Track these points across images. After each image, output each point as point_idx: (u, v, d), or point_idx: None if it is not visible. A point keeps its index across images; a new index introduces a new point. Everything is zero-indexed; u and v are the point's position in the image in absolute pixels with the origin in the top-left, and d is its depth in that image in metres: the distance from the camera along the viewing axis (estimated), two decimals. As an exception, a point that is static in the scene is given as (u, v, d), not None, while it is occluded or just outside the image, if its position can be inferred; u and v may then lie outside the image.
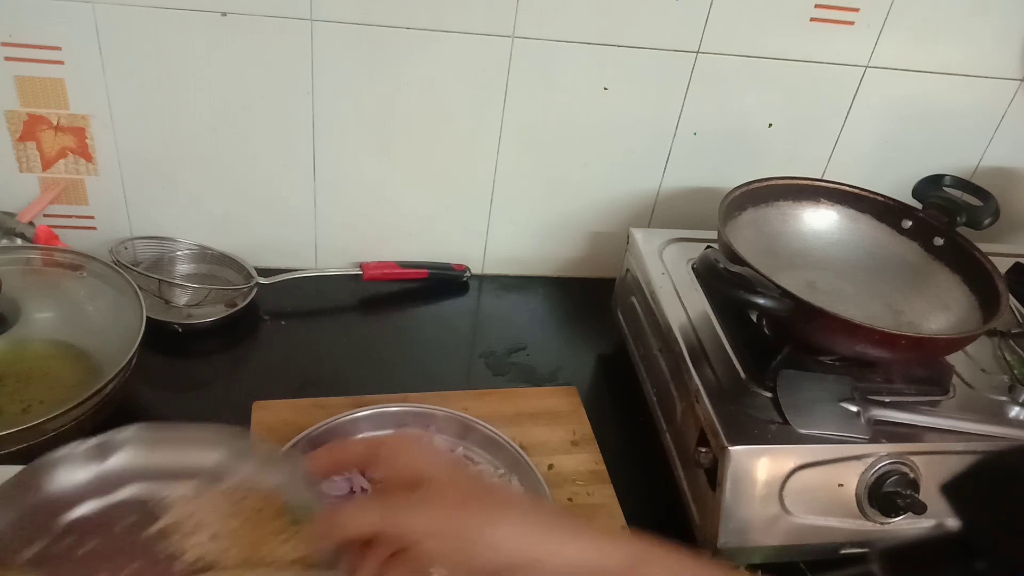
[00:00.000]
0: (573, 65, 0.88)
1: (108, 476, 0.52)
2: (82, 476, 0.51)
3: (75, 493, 0.51)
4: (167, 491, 0.51)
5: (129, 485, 0.52)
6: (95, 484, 0.51)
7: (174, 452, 0.53)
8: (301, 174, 0.92)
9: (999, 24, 0.93)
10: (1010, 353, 0.80)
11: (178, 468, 0.52)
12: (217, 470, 0.52)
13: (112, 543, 0.49)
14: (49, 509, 0.50)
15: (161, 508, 0.51)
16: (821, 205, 0.88)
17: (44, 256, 0.80)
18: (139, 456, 0.52)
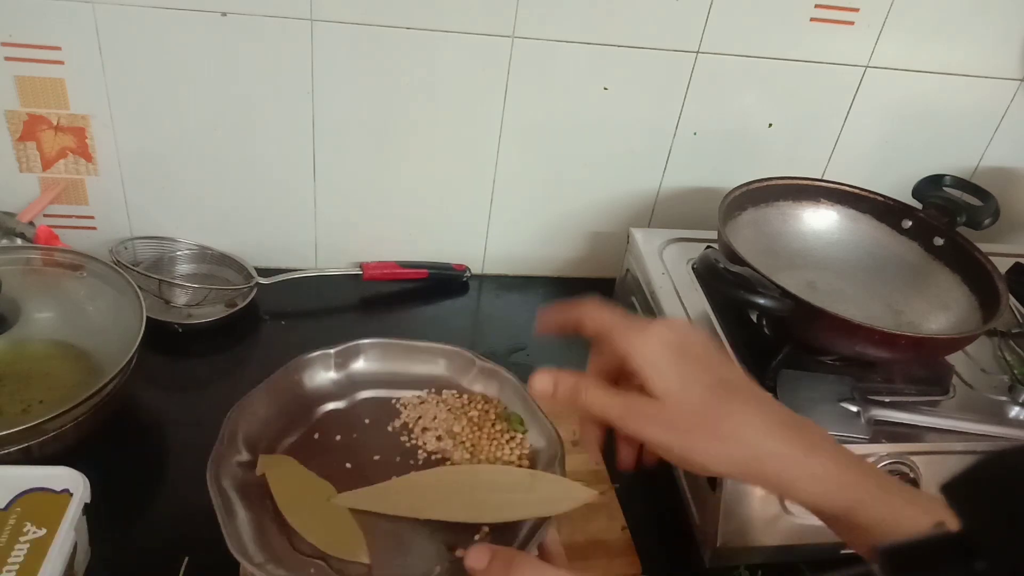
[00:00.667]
0: (573, 65, 0.88)
1: (351, 379, 0.59)
2: (330, 377, 0.59)
3: (325, 391, 0.58)
4: (399, 395, 0.58)
5: (367, 389, 0.59)
6: (340, 385, 0.59)
7: (404, 362, 0.60)
8: (301, 174, 0.92)
9: (999, 24, 0.93)
10: (1010, 353, 0.80)
11: (408, 376, 0.60)
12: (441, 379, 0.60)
13: (356, 436, 0.55)
14: (305, 403, 0.57)
15: (395, 410, 0.57)
16: (821, 205, 0.88)
17: (44, 256, 0.80)
18: (375, 364, 0.60)
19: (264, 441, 0.55)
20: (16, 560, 0.54)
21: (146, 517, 0.69)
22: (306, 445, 0.55)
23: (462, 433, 0.55)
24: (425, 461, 0.54)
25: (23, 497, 0.58)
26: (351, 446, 0.55)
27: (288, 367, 0.58)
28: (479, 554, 0.45)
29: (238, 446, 0.53)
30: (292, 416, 0.57)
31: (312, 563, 0.47)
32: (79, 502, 0.58)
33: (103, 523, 0.63)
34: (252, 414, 0.56)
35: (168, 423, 0.77)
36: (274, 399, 0.57)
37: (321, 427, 0.57)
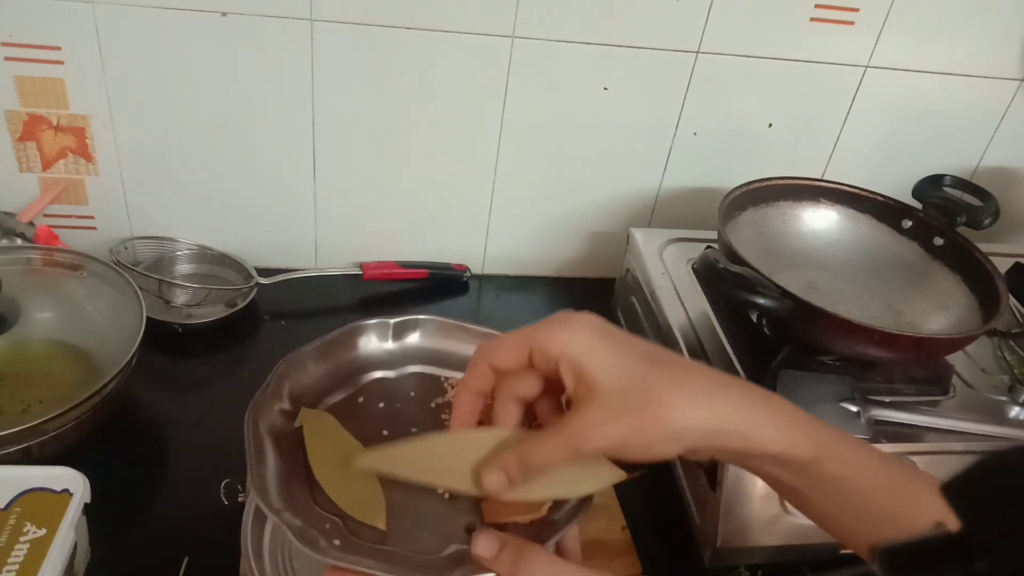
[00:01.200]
0: (573, 65, 0.88)
1: (403, 351, 0.59)
2: (384, 346, 0.59)
3: (376, 359, 0.58)
4: (448, 375, 0.58)
5: (418, 364, 0.59)
6: (392, 356, 0.59)
7: (459, 343, 0.60)
8: (301, 174, 0.92)
9: (999, 24, 0.93)
10: (1010, 353, 0.80)
11: (461, 357, 0.59)
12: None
13: (398, 407, 0.56)
14: (356, 367, 0.58)
15: (442, 388, 0.58)
16: (821, 205, 0.88)
17: (44, 256, 0.80)
18: (430, 340, 0.60)
19: (308, 396, 0.55)
20: (16, 560, 0.54)
21: (146, 517, 0.69)
22: (348, 407, 0.55)
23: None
24: None
25: (23, 497, 0.58)
26: (392, 415, 0.55)
27: (345, 330, 0.58)
28: (488, 542, 0.43)
29: (282, 395, 0.54)
30: (340, 377, 0.57)
31: (329, 519, 0.47)
32: (79, 502, 0.58)
33: (103, 523, 0.63)
34: (302, 367, 0.56)
35: (168, 423, 0.77)
36: (326, 358, 0.57)
37: (366, 392, 0.57)
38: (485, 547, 0.43)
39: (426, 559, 0.46)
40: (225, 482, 0.67)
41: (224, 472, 0.68)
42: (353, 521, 0.47)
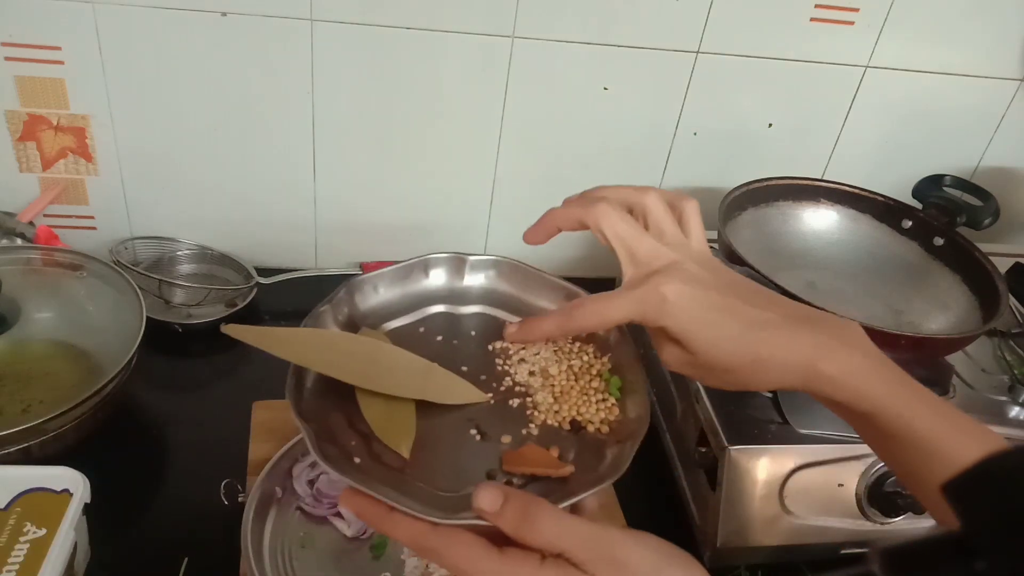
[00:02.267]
0: (573, 65, 0.88)
1: (467, 291, 0.59)
2: (448, 282, 0.59)
3: (439, 294, 0.58)
4: (511, 320, 0.57)
5: (481, 304, 0.58)
6: (462, 292, 0.59)
7: (530, 290, 0.59)
8: (301, 174, 0.92)
9: (999, 24, 0.93)
10: (1010, 353, 0.80)
11: (529, 305, 0.58)
12: None
13: (456, 343, 0.55)
14: (423, 297, 0.58)
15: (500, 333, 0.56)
16: (821, 205, 0.88)
17: (44, 256, 0.80)
18: (497, 283, 0.59)
19: (372, 318, 0.55)
20: (16, 560, 0.54)
21: (146, 517, 0.69)
22: (407, 334, 0.55)
23: (556, 377, 0.53)
24: (508, 389, 0.52)
25: (23, 497, 0.58)
26: (447, 350, 0.55)
27: (421, 260, 0.58)
28: (491, 495, 0.40)
29: (343, 310, 0.54)
30: (406, 304, 0.57)
31: (356, 437, 0.47)
32: (79, 502, 0.58)
33: (103, 523, 0.63)
34: (372, 288, 0.56)
35: (168, 423, 0.77)
36: (397, 283, 0.57)
37: (428, 323, 0.57)
38: (488, 500, 0.41)
39: (438, 495, 0.45)
40: (225, 482, 0.67)
41: (224, 472, 0.69)
42: (379, 444, 0.47)
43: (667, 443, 0.78)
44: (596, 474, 0.47)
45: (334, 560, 0.64)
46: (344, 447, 0.46)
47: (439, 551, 0.41)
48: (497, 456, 0.48)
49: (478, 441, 0.49)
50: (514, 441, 0.49)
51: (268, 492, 0.66)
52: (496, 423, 0.50)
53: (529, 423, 0.50)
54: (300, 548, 0.64)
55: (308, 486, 0.67)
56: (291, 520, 0.66)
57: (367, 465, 0.45)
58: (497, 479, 0.47)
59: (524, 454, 0.48)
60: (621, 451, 0.48)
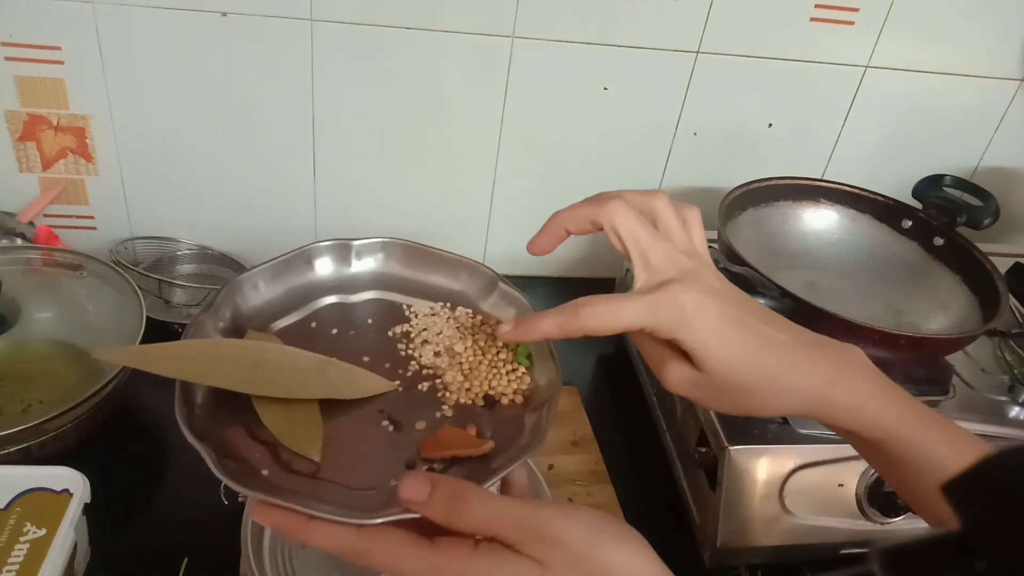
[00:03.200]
0: (573, 65, 0.88)
1: (357, 277, 0.56)
2: (336, 271, 0.56)
3: (327, 284, 0.56)
4: (410, 303, 0.56)
5: (374, 290, 0.56)
6: (352, 279, 0.56)
7: (424, 270, 0.57)
8: (301, 174, 0.92)
9: (999, 24, 0.93)
10: (1010, 353, 0.80)
11: (425, 285, 0.57)
12: (457, 296, 0.56)
13: (352, 334, 0.53)
14: (310, 290, 0.55)
15: (402, 316, 0.55)
16: (821, 205, 0.88)
17: (44, 256, 0.80)
18: (388, 266, 0.57)
19: (257, 319, 0.52)
20: (16, 560, 0.54)
21: (146, 517, 0.69)
22: (299, 331, 0.53)
23: (463, 354, 0.52)
24: (415, 374, 0.50)
25: (23, 497, 0.58)
26: (344, 342, 0.52)
27: (301, 251, 0.55)
28: (417, 484, 0.39)
29: (224, 315, 0.51)
30: (293, 300, 0.54)
31: (260, 448, 0.45)
32: (79, 502, 0.58)
33: (103, 523, 0.63)
34: (252, 287, 0.53)
35: (168, 423, 0.77)
36: (279, 279, 0.54)
37: (320, 318, 0.53)
38: (414, 490, 0.39)
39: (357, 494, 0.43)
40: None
41: (224, 472, 0.68)
42: (287, 451, 0.45)
43: (667, 443, 0.78)
44: (517, 446, 0.46)
45: (334, 560, 0.64)
46: (248, 461, 0.44)
47: (367, 554, 0.39)
48: (414, 444, 0.47)
49: (391, 432, 0.47)
50: (429, 426, 0.48)
51: (268, 492, 0.66)
52: (407, 410, 0.49)
53: (442, 405, 0.49)
54: (300, 548, 0.64)
55: (308, 486, 0.67)
56: (291, 520, 0.66)
57: (277, 476, 0.43)
58: (417, 468, 0.45)
59: (441, 438, 0.46)
60: (539, 419, 0.47)
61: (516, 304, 0.55)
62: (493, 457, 0.46)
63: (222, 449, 0.43)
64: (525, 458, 0.44)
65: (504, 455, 0.46)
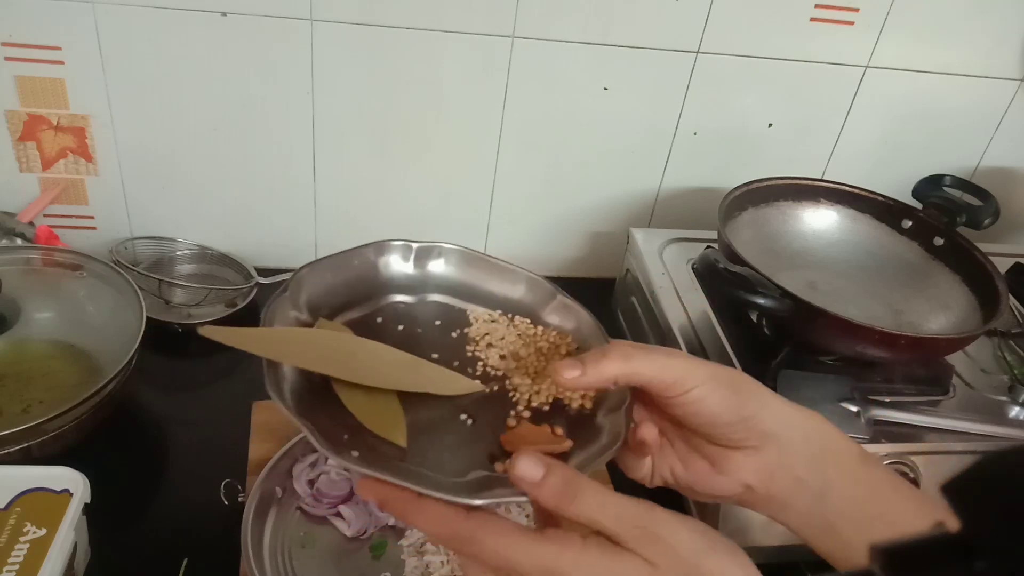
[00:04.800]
0: (573, 65, 0.88)
1: (419, 279, 0.57)
2: (399, 271, 0.57)
3: (397, 282, 0.56)
4: (471, 308, 0.57)
5: (435, 293, 0.57)
6: (414, 281, 0.57)
7: (483, 278, 0.58)
8: (301, 174, 0.92)
9: (999, 24, 0.93)
10: (1010, 353, 0.80)
11: (484, 292, 0.58)
12: (515, 305, 0.57)
13: (420, 332, 0.54)
14: (376, 287, 0.56)
15: (465, 320, 0.56)
16: (821, 205, 0.88)
17: (44, 256, 0.80)
18: (454, 271, 0.58)
19: (326, 309, 0.53)
20: (16, 560, 0.54)
21: (146, 517, 0.69)
22: (366, 325, 0.53)
23: (527, 359, 0.53)
24: (483, 374, 0.52)
25: (23, 497, 0.58)
26: (412, 339, 0.53)
27: (368, 246, 0.56)
28: (532, 465, 0.39)
29: (299, 303, 0.52)
30: (359, 294, 0.55)
31: (347, 430, 0.45)
32: (79, 502, 0.58)
33: (103, 523, 0.63)
34: (320, 278, 0.54)
35: (168, 423, 0.78)
36: (346, 272, 0.55)
37: (385, 314, 0.55)
38: (528, 469, 0.38)
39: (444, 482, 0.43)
40: (225, 482, 0.67)
41: (224, 472, 0.69)
42: (371, 437, 0.46)
43: (667, 443, 0.77)
44: (599, 445, 0.46)
45: (334, 560, 0.64)
46: (339, 442, 0.44)
47: (475, 539, 0.38)
48: (493, 439, 0.47)
49: (470, 426, 0.48)
50: (506, 423, 0.48)
51: (268, 492, 0.66)
52: (483, 408, 0.49)
53: (516, 405, 0.50)
54: (300, 548, 0.64)
55: (308, 486, 0.67)
56: (291, 520, 0.66)
57: (367, 458, 0.43)
58: (500, 460, 0.46)
59: (522, 433, 0.47)
60: (615, 420, 0.48)
61: (576, 316, 0.56)
62: (572, 456, 0.46)
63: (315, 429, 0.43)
64: (606, 458, 0.45)
65: (583, 454, 0.46)
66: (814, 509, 0.47)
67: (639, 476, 0.51)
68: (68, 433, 0.66)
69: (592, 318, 0.55)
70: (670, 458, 0.50)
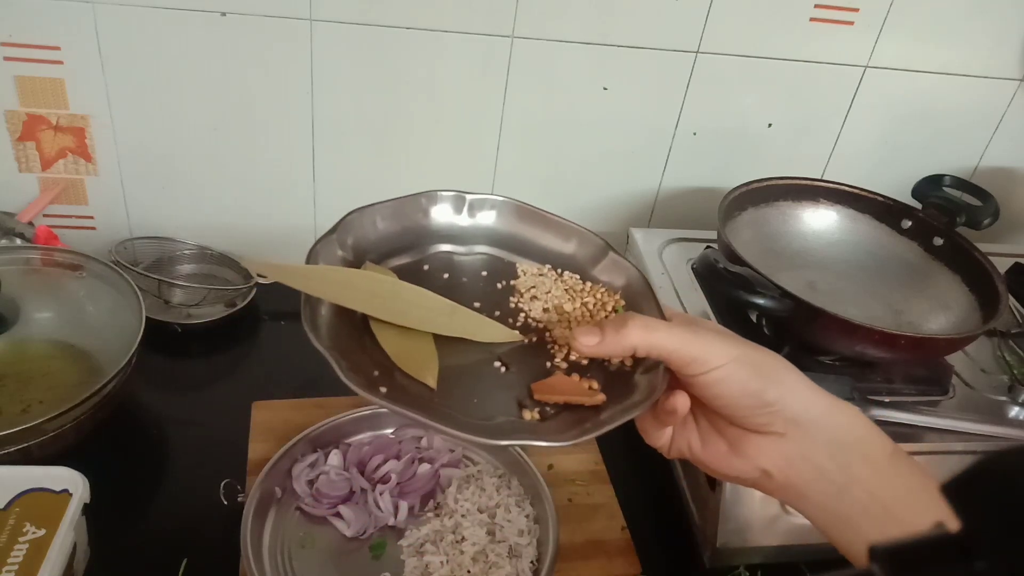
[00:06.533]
0: (573, 65, 0.88)
1: (470, 231, 0.57)
2: (450, 221, 0.57)
3: (441, 232, 0.57)
4: (520, 262, 0.57)
5: (485, 245, 0.57)
6: (465, 232, 0.57)
7: (535, 231, 0.58)
8: (301, 174, 0.92)
9: (999, 24, 0.93)
10: (1010, 353, 0.80)
11: (534, 246, 0.58)
12: (566, 260, 0.57)
13: (464, 281, 0.55)
14: (425, 235, 0.56)
15: (511, 273, 0.56)
16: (821, 205, 0.88)
17: (44, 256, 0.80)
18: (500, 224, 0.58)
19: (373, 253, 0.54)
20: (16, 560, 0.54)
21: (146, 517, 0.69)
22: (412, 271, 0.54)
23: (572, 313, 0.53)
24: (523, 325, 0.52)
25: (23, 497, 0.58)
26: (456, 288, 0.53)
27: (420, 195, 0.56)
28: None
29: (346, 244, 0.52)
30: (408, 241, 0.55)
31: (378, 366, 0.46)
32: (79, 502, 0.58)
33: (103, 523, 0.63)
34: (370, 223, 0.54)
35: (168, 423, 0.77)
36: (396, 218, 0.55)
37: (432, 262, 0.55)
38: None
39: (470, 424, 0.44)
40: (225, 482, 0.67)
41: (224, 472, 0.68)
42: (402, 375, 0.46)
43: (667, 443, 0.77)
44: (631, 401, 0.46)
45: (334, 560, 0.64)
46: (368, 377, 0.45)
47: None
48: (524, 386, 0.48)
49: (503, 373, 0.48)
50: (542, 374, 0.49)
51: (268, 492, 0.66)
52: (519, 358, 0.49)
53: (554, 356, 0.50)
54: (300, 548, 0.64)
55: (308, 486, 0.67)
56: (291, 520, 0.66)
57: (394, 395, 0.44)
58: (528, 408, 0.46)
59: (553, 384, 0.47)
60: (651, 379, 0.47)
61: (626, 273, 0.56)
62: (603, 409, 0.46)
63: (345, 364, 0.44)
64: (638, 413, 0.45)
65: (615, 407, 0.46)
66: (834, 502, 0.45)
67: (658, 444, 0.51)
68: (68, 433, 0.66)
69: (643, 277, 0.55)
70: (691, 433, 0.49)
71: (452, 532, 0.65)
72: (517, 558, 0.64)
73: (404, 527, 0.66)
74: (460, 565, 0.63)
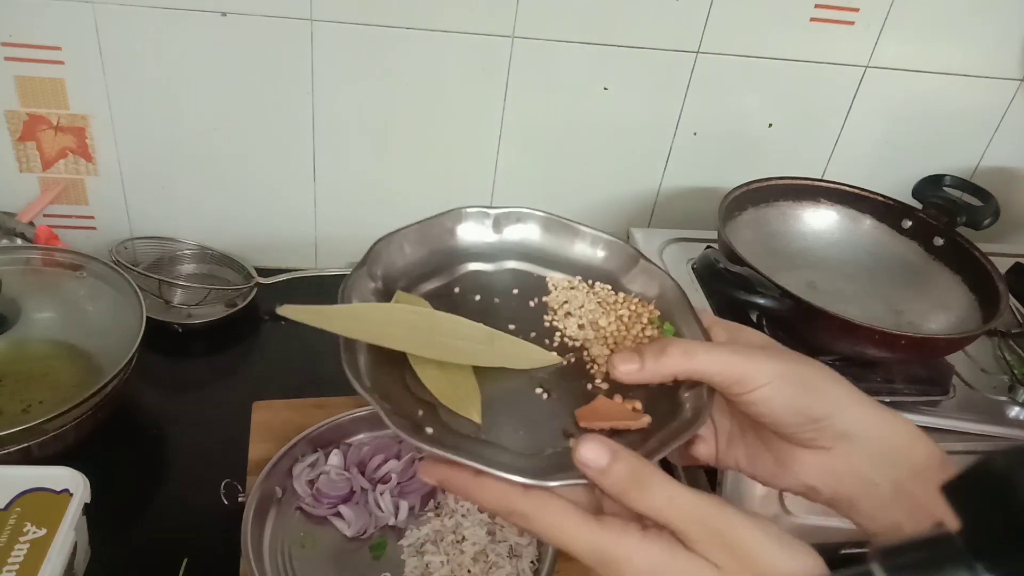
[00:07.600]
0: (573, 65, 0.88)
1: (497, 246, 0.56)
2: (476, 239, 0.56)
3: (468, 251, 0.55)
4: (549, 275, 0.55)
5: (513, 260, 0.56)
6: (492, 248, 0.56)
7: (563, 242, 0.56)
8: (301, 174, 0.92)
9: (999, 24, 0.93)
10: (1010, 353, 0.80)
11: (563, 258, 0.56)
12: (596, 271, 0.56)
13: (497, 302, 0.53)
14: (453, 255, 0.55)
15: (543, 288, 0.54)
16: (821, 205, 0.88)
17: (44, 256, 0.80)
18: (532, 236, 0.56)
19: (403, 280, 0.52)
20: (16, 560, 0.54)
21: (146, 517, 0.69)
22: (443, 295, 0.53)
23: (607, 328, 0.51)
24: (560, 345, 0.50)
25: (23, 497, 0.58)
26: (489, 309, 0.52)
27: (444, 215, 0.55)
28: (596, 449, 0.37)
29: (376, 275, 0.51)
30: (437, 264, 0.54)
31: (421, 406, 0.45)
32: (79, 502, 0.58)
33: (103, 523, 0.63)
34: (398, 249, 0.53)
35: (168, 423, 0.77)
36: (423, 242, 0.54)
37: (463, 283, 0.54)
38: (593, 453, 0.37)
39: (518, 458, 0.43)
40: (225, 482, 0.67)
41: (224, 472, 0.68)
42: (446, 412, 0.45)
43: (667, 443, 0.77)
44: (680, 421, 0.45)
45: (334, 560, 0.64)
46: (412, 418, 0.44)
47: (531, 517, 0.38)
48: (568, 413, 0.46)
49: (546, 400, 0.47)
50: (584, 397, 0.47)
51: (268, 492, 0.66)
52: (559, 381, 0.48)
53: (594, 377, 0.49)
54: (300, 548, 0.64)
55: (308, 486, 0.67)
56: (291, 520, 0.66)
57: (440, 434, 0.43)
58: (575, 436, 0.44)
59: (597, 408, 0.46)
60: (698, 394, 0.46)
61: (659, 281, 0.55)
62: (651, 432, 0.45)
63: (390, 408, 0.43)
64: (687, 436, 0.43)
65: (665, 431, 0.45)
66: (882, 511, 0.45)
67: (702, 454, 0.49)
68: (68, 433, 0.66)
69: (677, 285, 0.54)
70: (738, 450, 0.48)
71: (452, 532, 0.65)
72: (517, 558, 0.64)
73: (404, 527, 0.66)
74: (460, 565, 0.63)
